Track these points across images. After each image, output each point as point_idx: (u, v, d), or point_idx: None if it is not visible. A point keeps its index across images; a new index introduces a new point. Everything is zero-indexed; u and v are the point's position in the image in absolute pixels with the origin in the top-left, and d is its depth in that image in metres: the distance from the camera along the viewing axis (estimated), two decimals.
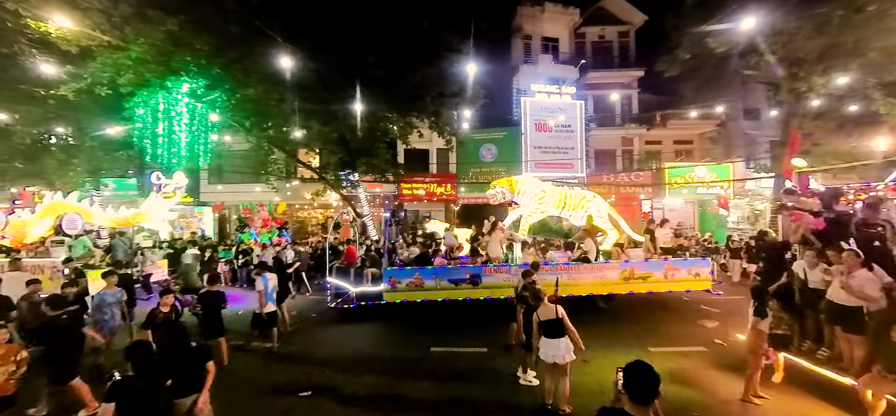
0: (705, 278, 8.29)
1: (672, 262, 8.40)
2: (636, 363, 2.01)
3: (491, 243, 8.90)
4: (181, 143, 10.29)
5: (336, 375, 5.62)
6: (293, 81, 10.51)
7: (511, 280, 7.67)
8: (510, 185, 10.37)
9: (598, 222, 9.86)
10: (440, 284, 7.83)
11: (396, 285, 7.83)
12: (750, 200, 18.65)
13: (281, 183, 17.11)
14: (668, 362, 5.79)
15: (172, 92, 9.67)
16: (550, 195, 10.20)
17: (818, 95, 12.04)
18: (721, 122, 19.91)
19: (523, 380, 5.22)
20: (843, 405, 4.41)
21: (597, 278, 7.96)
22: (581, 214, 9.95)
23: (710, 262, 8.80)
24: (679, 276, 8.17)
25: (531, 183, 10.45)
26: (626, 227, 10.65)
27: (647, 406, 1.92)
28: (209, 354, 3.69)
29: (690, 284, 8.25)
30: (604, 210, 10.33)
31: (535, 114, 19.55)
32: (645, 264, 8.34)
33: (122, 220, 11.24)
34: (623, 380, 1.98)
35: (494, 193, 10.51)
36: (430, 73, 12.34)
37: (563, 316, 4.36)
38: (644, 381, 1.92)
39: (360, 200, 15.52)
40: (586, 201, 10.20)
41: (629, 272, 8.04)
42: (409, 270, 8.14)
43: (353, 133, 12.89)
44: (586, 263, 8.22)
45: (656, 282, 8.12)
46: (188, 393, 3.37)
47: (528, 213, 10.11)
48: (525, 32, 21.26)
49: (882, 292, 4.35)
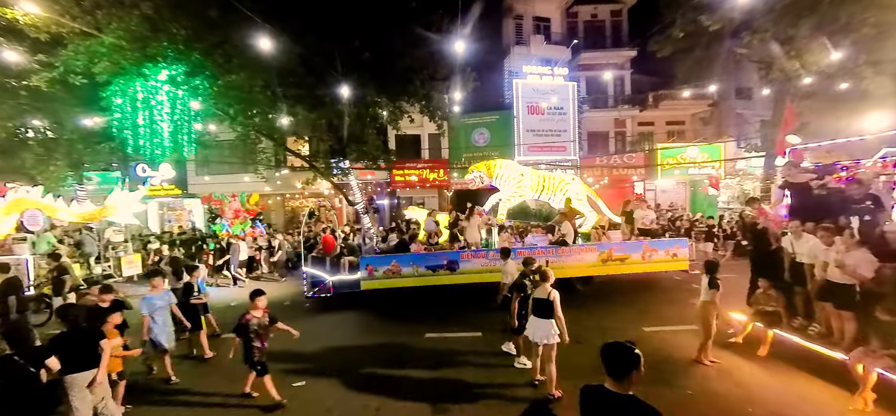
0: (682, 259, 8.40)
1: (649, 243, 8.49)
2: (612, 343, 2.11)
3: (469, 228, 8.86)
4: (164, 133, 9.96)
5: (330, 364, 5.56)
6: (277, 66, 10.16)
7: (488, 265, 7.67)
8: (488, 169, 10.30)
9: (577, 204, 9.85)
10: (418, 271, 7.80)
11: (373, 273, 7.77)
12: (740, 179, 18.79)
13: (270, 172, 16.81)
14: (663, 340, 5.85)
15: (151, 80, 9.30)
16: (529, 179, 10.14)
17: (809, 73, 12.01)
18: (713, 102, 19.89)
19: (517, 363, 5.25)
20: (832, 378, 4.47)
21: (576, 260, 7.96)
22: (560, 197, 9.92)
23: (687, 242, 8.86)
24: (657, 257, 8.27)
25: (509, 167, 10.38)
26: (606, 209, 10.70)
27: (622, 381, 2.00)
28: (100, 335, 3.85)
29: (668, 264, 8.35)
30: (583, 193, 10.33)
31: (528, 96, 19.32)
32: (622, 246, 8.40)
33: (87, 214, 10.96)
34: (602, 358, 2.07)
35: (472, 177, 10.44)
36: (420, 55, 12.02)
37: (554, 300, 4.36)
38: (617, 357, 2.03)
39: (352, 188, 15.31)
40: (565, 184, 10.17)
41: (607, 254, 8.08)
42: (387, 257, 8.08)
43: (342, 119, 12.61)
44: (564, 246, 8.20)
45: (634, 263, 8.20)
46: (83, 369, 3.58)
47: (506, 197, 10.07)
48: (516, 12, 20.84)
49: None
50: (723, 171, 18.55)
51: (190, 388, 5.01)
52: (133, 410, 4.52)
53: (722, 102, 19.71)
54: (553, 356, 4.42)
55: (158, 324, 5.01)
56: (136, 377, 5.08)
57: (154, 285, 5.32)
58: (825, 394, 4.35)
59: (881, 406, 3.96)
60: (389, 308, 7.81)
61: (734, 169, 18.75)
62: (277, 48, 9.17)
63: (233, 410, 4.52)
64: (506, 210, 10.07)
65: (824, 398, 4.28)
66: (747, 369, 5.02)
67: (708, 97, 19.19)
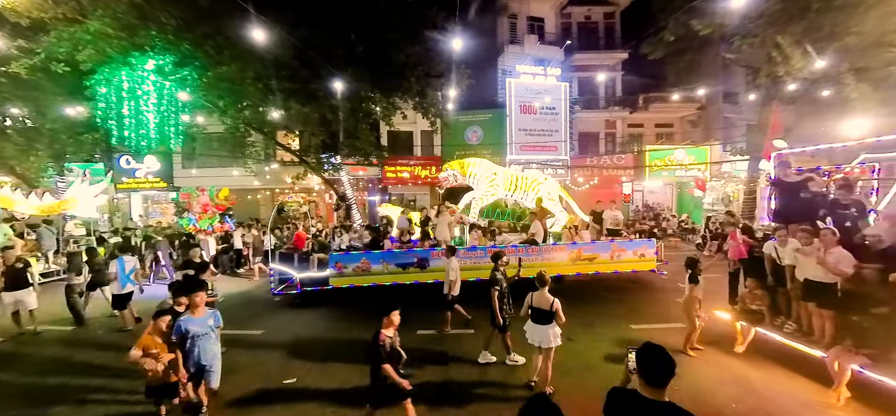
0: (650, 259, 8.58)
1: (618, 243, 8.66)
2: (649, 345, 1.96)
3: (439, 225, 8.90)
4: (150, 124, 9.75)
5: (318, 362, 5.50)
6: (270, 58, 10.02)
7: (460, 263, 7.69)
8: (462, 167, 10.37)
9: (549, 204, 9.95)
10: (388, 268, 7.79)
11: (343, 270, 7.73)
12: (725, 182, 19.21)
13: (259, 166, 16.58)
14: (650, 338, 5.91)
15: (137, 69, 9.07)
16: (502, 178, 10.24)
17: (795, 79, 12.33)
18: (701, 105, 20.27)
19: (509, 360, 5.27)
20: (811, 374, 4.64)
21: (546, 259, 8.05)
22: (532, 196, 10.02)
23: (654, 243, 9.07)
24: (625, 257, 8.44)
25: (482, 166, 10.45)
26: (578, 209, 10.85)
27: (662, 389, 1.88)
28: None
29: (636, 264, 8.52)
30: (555, 192, 10.44)
31: (521, 95, 19.41)
32: (591, 246, 8.53)
33: (47, 207, 10.70)
34: (637, 362, 1.94)
35: (446, 175, 10.49)
36: (415, 51, 12.00)
37: (557, 309, 4.37)
38: (659, 363, 1.89)
39: (344, 184, 15.20)
40: (538, 184, 10.26)
41: (576, 254, 8.22)
42: (356, 254, 8.03)
43: (335, 114, 12.49)
44: (534, 245, 8.28)
45: (603, 263, 8.35)
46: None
47: (479, 195, 10.15)
48: (511, 11, 20.89)
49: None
50: (709, 173, 18.95)
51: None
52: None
53: (710, 105, 20.11)
54: (551, 357, 4.49)
55: (199, 355, 3.85)
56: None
57: (180, 304, 4.20)
58: (805, 389, 4.51)
59: (856, 402, 4.12)
60: (361, 305, 7.68)
61: (720, 172, 19.16)
62: (271, 40, 9.03)
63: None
64: (478, 208, 10.12)
65: (804, 393, 4.43)
66: (731, 365, 5.17)
67: (696, 101, 19.55)
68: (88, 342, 6.45)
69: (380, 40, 11.41)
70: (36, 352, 6.08)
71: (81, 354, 5.95)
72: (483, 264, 7.60)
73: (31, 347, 6.31)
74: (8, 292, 6.49)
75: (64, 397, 4.68)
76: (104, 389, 4.83)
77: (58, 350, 6.12)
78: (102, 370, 5.37)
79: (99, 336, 6.72)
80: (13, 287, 6.52)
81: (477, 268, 7.71)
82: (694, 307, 5.34)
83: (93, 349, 6.14)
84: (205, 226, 12.94)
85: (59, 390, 4.87)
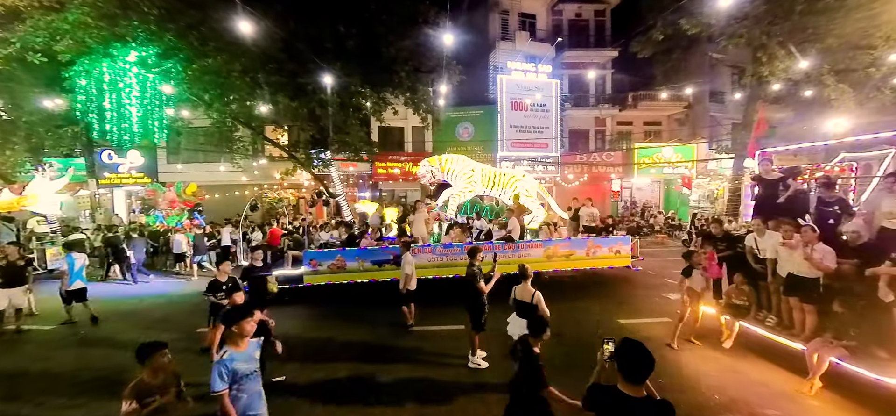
0: (625, 256, 8.69)
1: (594, 240, 8.77)
2: (628, 341, 1.97)
3: (415, 222, 8.85)
4: (132, 118, 9.49)
5: (305, 359, 5.43)
6: (257, 50, 9.82)
7: (436, 260, 7.76)
8: (440, 164, 10.32)
9: (526, 201, 9.99)
10: (363, 265, 7.74)
11: (317, 267, 7.65)
12: (710, 179, 19.61)
13: (247, 162, 16.29)
14: (636, 332, 6.05)
15: (119, 61, 8.80)
16: (479, 174, 10.21)
17: (779, 79, 12.63)
18: (688, 104, 20.61)
19: (472, 363, 5.06)
20: (790, 366, 4.79)
21: (522, 256, 8.06)
22: (510, 193, 10.04)
23: (630, 239, 9.20)
24: (600, 253, 8.54)
25: (460, 162, 10.39)
26: (555, 206, 10.95)
27: (640, 385, 1.90)
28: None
29: (611, 261, 8.62)
30: (533, 190, 10.47)
31: (512, 92, 19.45)
32: (567, 243, 8.62)
33: (6, 204, 10.39)
34: (617, 359, 1.95)
35: (423, 172, 10.41)
36: (405, 46, 11.88)
37: (538, 302, 4.38)
38: (638, 359, 1.90)
39: (333, 180, 15.04)
40: (515, 181, 10.29)
41: (552, 250, 8.27)
42: (331, 252, 7.94)
43: (324, 109, 12.32)
44: (510, 242, 8.31)
45: (578, 259, 8.43)
46: None
47: (456, 192, 10.12)
48: (502, 7, 20.87)
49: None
50: (695, 171, 19.31)
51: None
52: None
53: (697, 104, 20.46)
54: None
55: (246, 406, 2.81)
56: None
57: (238, 337, 2.84)
58: (783, 380, 4.66)
59: (828, 391, 4.28)
60: (338, 302, 7.65)
61: (706, 169, 19.54)
62: (258, 32, 8.83)
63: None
64: (456, 205, 10.11)
65: (782, 384, 4.58)
66: (714, 358, 5.30)
67: (684, 99, 19.87)
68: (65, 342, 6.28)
69: (370, 34, 11.27)
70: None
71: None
72: (460, 261, 7.58)
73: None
74: (5, 288, 6.39)
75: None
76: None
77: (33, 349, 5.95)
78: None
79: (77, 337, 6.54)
80: (10, 284, 6.43)
81: (454, 265, 7.67)
82: (686, 300, 5.51)
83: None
84: (173, 223, 12.70)
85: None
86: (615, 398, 1.92)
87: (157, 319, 7.33)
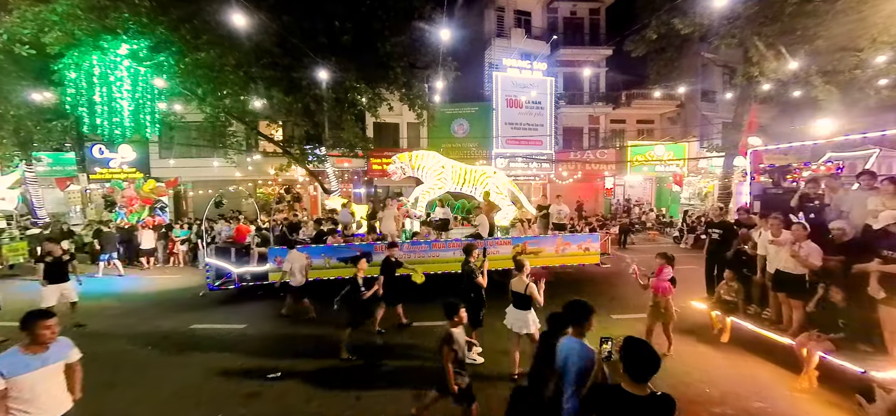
0: (594, 253, 8.76)
1: (563, 237, 8.83)
2: (634, 340, 1.97)
3: (384, 219, 8.86)
4: (124, 111, 9.34)
5: (300, 357, 5.45)
6: (251, 44, 9.72)
7: (403, 257, 7.58)
8: (410, 160, 10.31)
9: (497, 198, 9.99)
10: (329, 262, 7.71)
11: (282, 264, 7.51)
12: (701, 177, 19.89)
13: (241, 157, 16.14)
14: (630, 328, 6.13)
15: (109, 54, 8.65)
16: (450, 171, 10.20)
17: (769, 79, 12.83)
18: (681, 103, 20.84)
19: (467, 359, 5.12)
20: (780, 361, 4.92)
21: (490, 253, 8.05)
22: (480, 190, 10.03)
23: (599, 236, 9.29)
24: (570, 251, 8.57)
25: (431, 159, 10.38)
26: (526, 203, 10.97)
27: (645, 383, 1.90)
28: None
29: (580, 258, 8.64)
30: (503, 187, 10.43)
31: (507, 89, 19.49)
32: (537, 240, 8.66)
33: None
34: (622, 357, 1.94)
35: (394, 168, 10.38)
36: (401, 42, 11.84)
37: (531, 294, 4.44)
38: (643, 358, 1.90)
39: (328, 176, 14.98)
40: (486, 178, 10.27)
41: (521, 248, 8.22)
42: (298, 249, 7.84)
43: (319, 104, 12.25)
44: (479, 239, 8.26)
45: (548, 256, 8.43)
46: None
47: (427, 189, 10.12)
48: (498, 4, 20.86)
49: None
50: (686, 169, 19.57)
51: None
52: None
53: (689, 103, 20.69)
54: (533, 341, 4.48)
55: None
56: None
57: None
58: (774, 374, 4.78)
59: (822, 385, 4.38)
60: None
61: (696, 168, 19.81)
62: (252, 26, 8.75)
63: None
64: (426, 202, 10.10)
65: (773, 378, 4.70)
66: (705, 353, 5.42)
67: (676, 98, 20.09)
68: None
69: (365, 29, 11.21)
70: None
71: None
72: (428, 259, 7.75)
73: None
74: (54, 284, 6.41)
75: None
76: None
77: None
78: None
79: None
80: (58, 279, 6.45)
81: (423, 262, 7.67)
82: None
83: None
84: (134, 220, 12.63)
85: None
86: (620, 397, 1.90)
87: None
